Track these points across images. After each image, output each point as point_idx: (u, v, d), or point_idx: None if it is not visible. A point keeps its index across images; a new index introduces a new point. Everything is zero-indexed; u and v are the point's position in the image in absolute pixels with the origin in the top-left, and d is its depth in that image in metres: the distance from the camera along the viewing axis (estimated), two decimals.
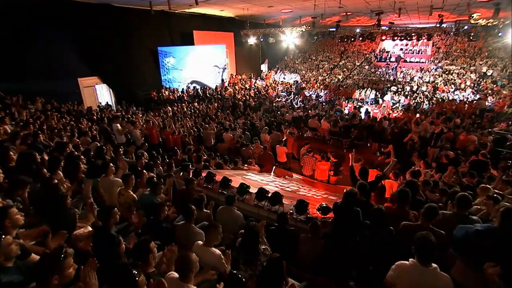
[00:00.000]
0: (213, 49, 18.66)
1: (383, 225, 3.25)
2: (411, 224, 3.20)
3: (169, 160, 6.61)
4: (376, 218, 3.29)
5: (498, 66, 20.74)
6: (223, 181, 5.07)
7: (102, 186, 4.31)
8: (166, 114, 12.37)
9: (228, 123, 11.65)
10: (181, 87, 16.65)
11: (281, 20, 22.19)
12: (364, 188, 4.03)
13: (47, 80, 10.90)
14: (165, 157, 7.06)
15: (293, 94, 18.81)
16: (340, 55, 27.16)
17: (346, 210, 3.54)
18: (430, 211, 3.04)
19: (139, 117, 9.51)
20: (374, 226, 3.30)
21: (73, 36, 12.07)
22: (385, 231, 3.22)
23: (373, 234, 3.25)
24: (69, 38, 11.99)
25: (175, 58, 16.66)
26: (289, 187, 6.60)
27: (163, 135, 8.69)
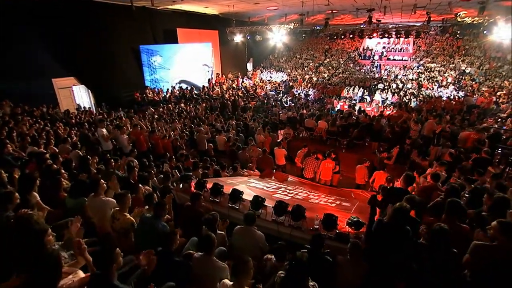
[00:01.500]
0: (201, 48, 17.71)
1: (447, 247, 2.67)
2: (486, 245, 2.62)
3: (165, 170, 5.79)
4: (438, 238, 2.69)
5: (475, 64, 21.24)
6: (233, 193, 4.35)
7: (90, 208, 3.47)
8: (152, 117, 11.39)
9: (219, 125, 10.86)
10: (165, 87, 15.60)
11: (266, 18, 21.57)
12: (415, 203, 3.45)
13: (16, 80, 9.67)
14: (159, 165, 6.20)
15: (282, 93, 18.21)
16: (324, 53, 26.93)
17: (395, 229, 2.93)
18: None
19: (126, 121, 8.50)
20: (435, 249, 2.71)
21: (46, 33, 10.89)
22: (450, 254, 2.64)
23: (434, 259, 2.67)
24: (42, 35, 10.80)
25: (162, 57, 15.60)
26: (298, 194, 5.97)
27: (152, 139, 7.79)
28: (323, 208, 5.03)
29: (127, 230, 3.21)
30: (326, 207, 5.12)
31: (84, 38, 12.01)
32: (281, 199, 5.24)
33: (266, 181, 6.82)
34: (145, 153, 7.33)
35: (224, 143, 9.25)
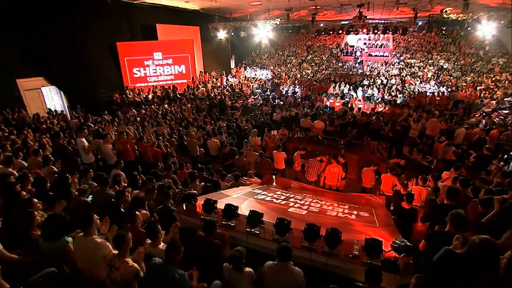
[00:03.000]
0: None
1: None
2: None
3: (162, 185, 4.93)
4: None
5: (451, 60, 21.70)
6: (252, 217, 3.61)
7: (78, 252, 2.62)
8: (135, 119, 10.31)
9: (210, 127, 10.01)
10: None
11: (249, 14, 20.70)
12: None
13: None
14: (151, 178, 5.31)
15: (269, 91, 17.52)
16: (306, 49, 26.52)
17: (476, 266, 2.34)
18: None
19: (110, 129, 7.41)
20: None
21: (9, 29, 9.45)
22: None
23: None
24: (4, 31, 9.35)
25: None
26: (310, 205, 5.34)
27: (140, 147, 6.84)
28: (347, 223, 4.43)
29: (130, 281, 2.40)
30: (348, 221, 4.52)
31: (54, 35, 10.65)
32: (295, 213, 4.63)
33: (272, 191, 6.13)
34: (133, 163, 6.38)
35: (217, 148, 8.43)
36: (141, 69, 14.80)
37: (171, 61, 15.75)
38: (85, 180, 4.93)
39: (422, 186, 5.81)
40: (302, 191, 6.78)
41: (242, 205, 4.59)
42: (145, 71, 15.00)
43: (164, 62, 15.51)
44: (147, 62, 14.95)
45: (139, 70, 14.76)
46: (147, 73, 15.09)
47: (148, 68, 15.02)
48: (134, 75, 14.61)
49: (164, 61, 15.49)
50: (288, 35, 21.29)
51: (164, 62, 15.50)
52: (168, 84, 15.39)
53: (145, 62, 14.87)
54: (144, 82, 14.96)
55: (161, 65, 15.46)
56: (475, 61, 20.78)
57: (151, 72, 15.19)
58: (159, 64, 15.35)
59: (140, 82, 14.84)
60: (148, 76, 15.12)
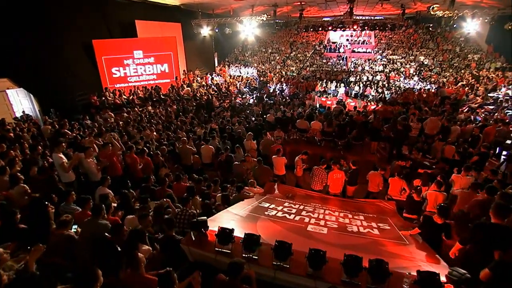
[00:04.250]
0: None
1: None
2: None
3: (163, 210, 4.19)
4: None
5: (430, 56, 22.02)
6: (280, 248, 2.99)
7: None
8: (118, 124, 9.35)
9: (201, 131, 9.25)
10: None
11: (232, 10, 19.86)
12: None
13: None
14: (146, 199, 4.53)
15: (257, 89, 16.86)
16: (290, 46, 26.05)
17: None
18: None
19: (93, 142, 6.42)
20: None
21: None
22: None
23: None
24: None
25: None
26: (327, 220, 4.80)
27: (129, 159, 5.99)
28: (376, 242, 3.93)
29: None
30: (376, 240, 4.03)
31: (19, 30, 9.39)
32: (316, 232, 4.08)
33: (279, 202, 5.55)
34: (120, 179, 5.55)
35: (211, 155, 7.68)
36: (120, 68, 13.66)
37: (153, 60, 14.69)
38: (66, 205, 4.10)
39: (437, 191, 5.44)
40: (309, 199, 6.26)
41: (257, 227, 3.99)
42: (125, 70, 13.87)
43: (146, 61, 14.43)
44: (127, 61, 13.82)
45: (118, 69, 13.61)
46: (127, 72, 13.97)
47: (128, 67, 13.90)
48: (113, 75, 13.46)
49: (146, 60, 14.41)
50: (275, 32, 20.63)
51: (145, 61, 14.42)
52: (151, 84, 14.34)
53: (124, 61, 13.74)
54: (125, 82, 13.84)
55: (142, 64, 14.37)
56: (452, 57, 21.20)
57: (131, 72, 14.08)
58: (140, 63, 14.26)
59: (120, 82, 13.71)
60: (129, 76, 14.01)
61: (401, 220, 5.33)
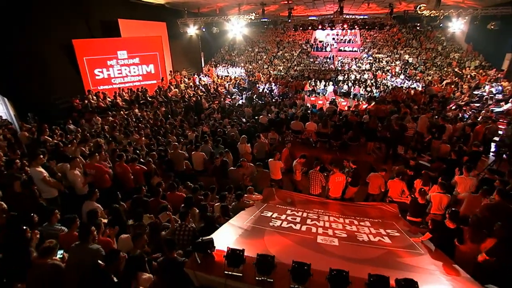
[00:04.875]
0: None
1: None
2: None
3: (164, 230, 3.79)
4: None
5: (414, 54, 22.36)
6: (297, 269, 2.68)
7: None
8: (103, 129, 8.76)
9: (192, 134, 8.81)
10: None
11: (218, 9, 19.37)
12: None
13: None
14: (140, 214, 4.10)
15: (246, 89, 16.48)
16: (276, 45, 25.81)
17: None
18: None
19: (78, 150, 5.84)
20: None
21: None
22: None
23: None
24: None
25: None
26: (333, 226, 4.55)
27: (119, 169, 5.50)
28: (392, 253, 3.69)
29: None
30: (390, 250, 3.79)
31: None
32: (327, 245, 3.80)
33: (281, 210, 5.26)
34: (109, 190, 5.07)
35: (202, 162, 7.25)
36: (103, 70, 12.94)
37: (138, 61, 14.03)
38: (49, 226, 3.62)
39: (442, 193, 5.29)
40: (310, 205, 5.99)
41: (265, 241, 3.68)
42: (109, 72, 13.15)
43: (130, 62, 13.75)
44: (110, 62, 13.11)
45: (101, 71, 12.89)
46: (111, 74, 13.26)
47: (112, 68, 13.19)
48: (96, 76, 12.73)
49: (130, 61, 13.73)
50: (263, 31, 20.30)
51: (130, 62, 13.74)
52: (136, 86, 13.69)
53: (108, 62, 13.02)
54: (109, 84, 13.13)
55: (126, 65, 13.68)
56: (435, 56, 21.60)
57: (115, 73, 13.37)
58: (124, 64, 13.57)
59: (104, 84, 12.99)
60: (113, 77, 13.30)
61: (407, 224, 5.15)
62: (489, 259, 3.57)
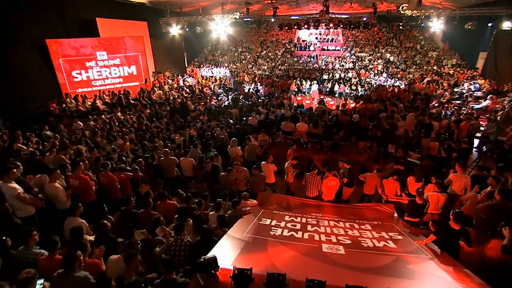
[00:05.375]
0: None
1: None
2: None
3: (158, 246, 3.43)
4: None
5: (395, 53, 22.83)
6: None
7: None
8: (84, 135, 8.18)
9: (180, 138, 8.41)
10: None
11: (201, 8, 18.88)
12: None
13: None
14: (131, 229, 3.72)
15: (232, 90, 16.13)
16: (260, 45, 25.58)
17: None
18: None
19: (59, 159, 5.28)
20: None
21: None
22: None
23: None
24: None
25: None
26: (334, 232, 4.36)
27: (104, 179, 5.05)
28: (401, 260, 3.53)
29: None
30: (398, 256, 3.63)
31: None
32: (333, 253, 3.61)
33: (279, 217, 5.04)
34: (94, 204, 4.63)
35: (191, 168, 6.86)
36: (82, 71, 12.21)
37: (119, 61, 13.37)
38: (26, 250, 3.18)
39: (439, 193, 5.24)
40: (306, 208, 5.79)
41: (269, 254, 3.43)
42: (88, 74, 12.43)
43: (111, 63, 13.08)
44: (89, 63, 12.40)
45: (79, 73, 12.15)
46: (91, 76, 12.55)
47: (91, 70, 12.47)
48: (74, 79, 11.98)
49: (111, 62, 13.06)
50: (248, 30, 19.99)
51: (110, 63, 13.07)
52: (118, 88, 13.03)
53: (86, 63, 12.31)
54: (88, 87, 12.42)
55: (107, 66, 12.99)
56: (415, 54, 22.14)
57: (95, 75, 12.66)
58: (104, 65, 12.88)
59: (83, 87, 12.27)
60: (93, 79, 12.58)
61: (406, 225, 5.05)
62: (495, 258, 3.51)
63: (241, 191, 6.54)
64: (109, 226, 3.76)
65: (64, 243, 3.61)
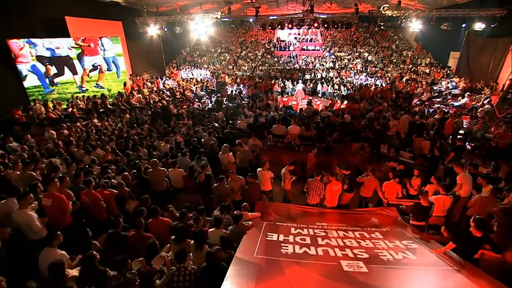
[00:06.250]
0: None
1: None
2: None
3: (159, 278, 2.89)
4: None
5: (372, 52, 23.28)
6: None
7: None
8: (56, 145, 7.31)
9: (166, 146, 7.77)
10: None
11: (178, 8, 18.08)
12: None
13: None
14: (125, 261, 3.14)
15: (215, 92, 15.52)
16: (240, 45, 25.10)
17: None
18: None
19: (29, 176, 4.44)
20: None
21: None
22: None
23: None
24: None
25: None
26: (347, 244, 4.04)
27: (87, 198, 4.38)
28: (424, 274, 3.26)
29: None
30: (424, 270, 3.36)
31: None
32: (356, 272, 3.27)
33: (285, 229, 4.65)
34: (74, 228, 3.96)
35: (181, 179, 6.27)
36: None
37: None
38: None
39: (444, 195, 5.10)
40: (309, 218, 5.44)
41: (288, 278, 3.03)
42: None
43: (89, 65, 12.03)
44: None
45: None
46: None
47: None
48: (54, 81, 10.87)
49: (89, 64, 12.01)
50: (230, 30, 19.44)
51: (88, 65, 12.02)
52: (93, 92, 12.02)
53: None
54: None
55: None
56: (391, 54, 22.69)
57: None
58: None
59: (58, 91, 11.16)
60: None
61: (415, 230, 4.84)
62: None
63: (236, 201, 6.11)
64: (98, 258, 3.16)
65: (41, 284, 2.99)
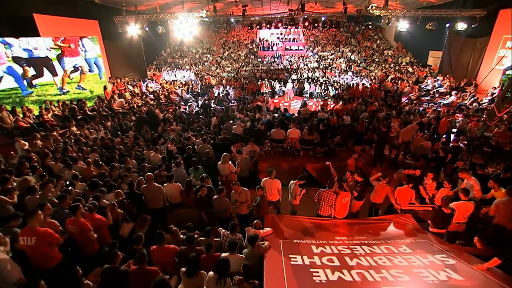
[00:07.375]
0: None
1: None
2: None
3: None
4: None
5: (355, 52, 23.43)
6: None
7: None
8: (29, 160, 6.34)
9: (157, 155, 7.02)
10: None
11: (158, 6, 17.10)
12: None
13: None
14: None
15: (201, 95, 14.76)
16: (222, 46, 24.37)
17: None
18: None
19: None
20: None
21: None
22: None
23: None
24: None
25: None
26: (379, 263, 3.61)
27: (74, 227, 3.62)
28: None
29: None
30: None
31: None
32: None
33: (306, 248, 4.16)
34: (60, 266, 3.22)
35: (178, 194, 5.62)
36: None
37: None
38: None
39: (466, 201, 4.82)
40: (325, 231, 4.98)
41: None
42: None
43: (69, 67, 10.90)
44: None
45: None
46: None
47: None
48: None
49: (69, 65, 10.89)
50: (216, 30, 18.72)
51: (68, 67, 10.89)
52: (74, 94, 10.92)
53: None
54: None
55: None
56: (373, 53, 22.94)
57: None
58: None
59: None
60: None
61: (440, 241, 4.54)
62: None
63: (241, 215, 5.55)
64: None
65: None
